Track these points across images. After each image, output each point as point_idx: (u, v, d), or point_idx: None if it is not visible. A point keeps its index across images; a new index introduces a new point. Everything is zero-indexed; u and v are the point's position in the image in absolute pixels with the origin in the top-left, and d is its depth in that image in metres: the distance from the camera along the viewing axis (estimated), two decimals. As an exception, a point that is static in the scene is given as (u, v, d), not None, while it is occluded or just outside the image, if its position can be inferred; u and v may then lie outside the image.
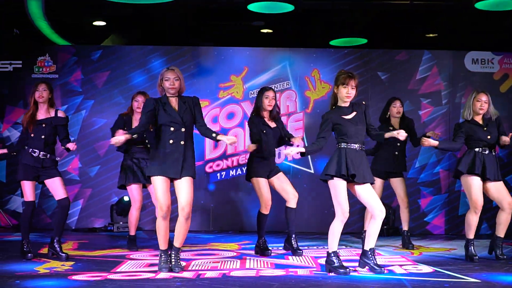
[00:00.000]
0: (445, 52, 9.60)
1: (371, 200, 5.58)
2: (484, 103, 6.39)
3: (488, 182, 6.37)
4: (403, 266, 6.07)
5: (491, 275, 5.59)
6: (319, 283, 5.23)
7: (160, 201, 5.58)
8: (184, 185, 5.59)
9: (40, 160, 6.38)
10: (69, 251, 6.94)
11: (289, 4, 8.58)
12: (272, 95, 6.79)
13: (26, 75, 9.29)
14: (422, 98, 9.41)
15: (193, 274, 5.60)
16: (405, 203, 7.53)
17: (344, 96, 5.59)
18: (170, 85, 5.61)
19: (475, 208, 6.37)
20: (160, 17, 10.74)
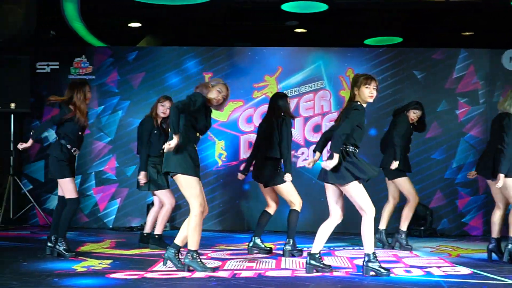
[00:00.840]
0: (482, 50, 9.48)
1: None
2: None
3: None
4: (440, 268, 6.01)
5: (531, 277, 5.51)
6: (355, 284, 5.21)
7: (201, 198, 5.63)
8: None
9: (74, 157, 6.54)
10: (106, 250, 7.02)
11: (323, 3, 8.55)
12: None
13: (63, 76, 9.39)
14: (459, 97, 9.30)
15: (229, 273, 5.62)
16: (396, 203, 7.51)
17: (367, 96, 5.50)
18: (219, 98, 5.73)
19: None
20: (194, 18, 10.79)
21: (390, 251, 7.24)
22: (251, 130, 9.34)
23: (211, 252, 7.00)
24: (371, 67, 9.43)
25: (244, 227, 9.39)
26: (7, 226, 8.90)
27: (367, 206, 5.44)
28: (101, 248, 7.22)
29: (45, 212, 9.25)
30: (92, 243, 7.65)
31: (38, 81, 9.43)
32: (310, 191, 8.85)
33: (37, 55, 9.44)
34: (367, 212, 5.45)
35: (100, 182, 9.42)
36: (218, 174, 9.41)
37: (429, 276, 5.58)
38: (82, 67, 9.50)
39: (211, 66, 9.53)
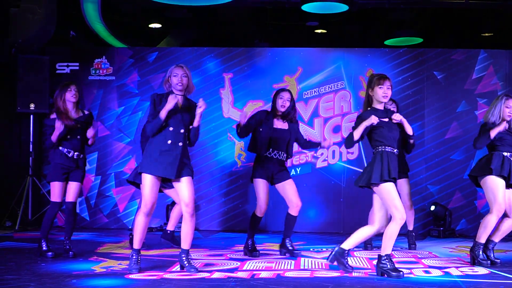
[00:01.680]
0: (501, 51, 9.42)
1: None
2: None
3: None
4: (459, 268, 6.00)
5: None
6: (374, 285, 5.20)
7: (147, 198, 5.53)
8: (185, 184, 5.56)
9: (74, 160, 6.48)
10: (126, 251, 7.06)
11: (343, 4, 8.54)
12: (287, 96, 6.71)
13: (83, 77, 9.46)
14: (479, 98, 9.26)
15: (248, 274, 5.64)
16: (408, 205, 7.41)
17: (381, 96, 5.55)
18: (178, 81, 5.55)
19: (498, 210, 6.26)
20: (214, 19, 10.82)
21: (410, 251, 7.23)
22: (270, 131, 9.36)
23: (230, 253, 7.02)
24: (392, 67, 9.41)
25: (264, 228, 9.40)
26: (25, 227, 8.93)
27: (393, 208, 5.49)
28: (121, 249, 7.26)
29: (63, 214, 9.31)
30: (112, 244, 7.69)
31: (58, 82, 9.41)
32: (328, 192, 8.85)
33: (57, 56, 9.47)
34: (394, 215, 5.49)
35: (120, 183, 9.44)
36: (237, 175, 9.44)
37: (447, 277, 5.56)
38: (102, 68, 9.56)
39: (231, 67, 9.56)
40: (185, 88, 5.62)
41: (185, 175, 5.56)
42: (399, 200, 5.50)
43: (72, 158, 6.46)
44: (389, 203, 5.48)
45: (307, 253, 7.05)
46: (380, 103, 5.59)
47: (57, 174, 6.49)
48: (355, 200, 8.97)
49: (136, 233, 5.63)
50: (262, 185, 6.61)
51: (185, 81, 5.58)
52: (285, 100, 6.66)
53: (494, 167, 6.14)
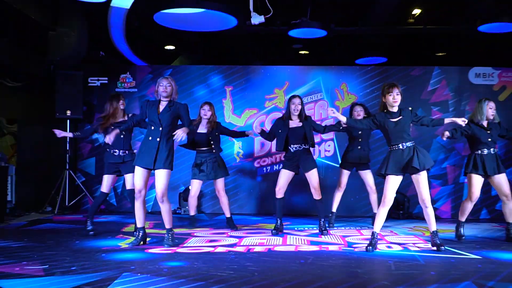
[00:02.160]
0: (452, 68, 9.45)
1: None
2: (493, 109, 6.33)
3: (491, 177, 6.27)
4: (416, 244, 6.03)
5: (490, 252, 5.52)
6: (346, 257, 5.24)
7: (136, 185, 5.65)
8: (158, 176, 5.61)
9: (121, 157, 6.52)
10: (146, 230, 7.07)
11: (323, 30, 8.56)
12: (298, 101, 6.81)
13: (111, 89, 9.44)
14: (433, 106, 9.30)
15: (244, 248, 5.68)
16: (373, 190, 7.46)
17: (392, 102, 5.60)
18: (163, 89, 5.65)
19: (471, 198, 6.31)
20: (218, 42, 10.84)
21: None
22: (263, 133, 9.40)
23: (231, 231, 7.05)
24: (361, 82, 9.45)
25: (258, 211, 9.43)
26: (63, 212, 8.97)
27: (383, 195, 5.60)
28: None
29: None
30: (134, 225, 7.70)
31: (89, 93, 9.51)
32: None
33: (89, 71, 9.49)
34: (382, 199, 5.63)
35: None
36: (237, 168, 9.47)
37: (406, 251, 5.60)
38: (127, 81, 9.58)
39: (231, 81, 9.59)
40: (170, 95, 5.70)
41: (159, 168, 5.59)
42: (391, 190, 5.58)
43: (118, 156, 6.50)
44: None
45: (292, 232, 7.07)
46: (392, 107, 5.63)
47: (104, 168, 6.62)
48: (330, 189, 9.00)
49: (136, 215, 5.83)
50: (283, 174, 6.80)
51: (169, 90, 5.69)
52: (296, 105, 6.78)
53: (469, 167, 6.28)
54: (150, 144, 5.58)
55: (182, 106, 5.75)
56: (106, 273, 4.36)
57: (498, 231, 7.31)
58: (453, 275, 4.40)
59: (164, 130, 5.60)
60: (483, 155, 6.24)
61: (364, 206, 9.04)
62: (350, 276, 4.37)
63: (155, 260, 4.99)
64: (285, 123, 6.80)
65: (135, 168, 5.68)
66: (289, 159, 6.78)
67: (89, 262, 4.83)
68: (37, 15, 7.64)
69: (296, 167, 6.79)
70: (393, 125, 5.56)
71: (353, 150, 7.45)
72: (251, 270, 4.54)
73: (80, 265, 4.67)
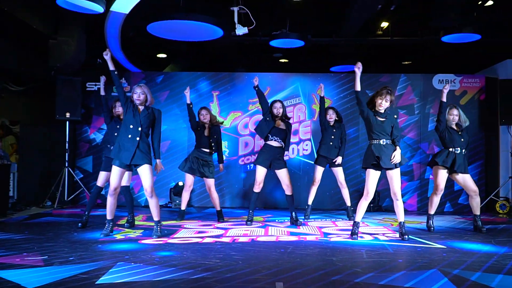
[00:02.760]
0: (417, 75, 9.48)
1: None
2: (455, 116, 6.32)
3: (456, 174, 6.28)
4: (385, 234, 6.02)
5: (454, 242, 5.53)
6: (322, 246, 5.21)
7: (112, 182, 5.55)
8: (142, 171, 5.52)
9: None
10: (139, 222, 6.99)
11: (301, 40, 8.54)
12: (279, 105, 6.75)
13: (107, 94, 9.27)
14: (400, 110, 9.32)
15: (230, 239, 5.61)
16: (343, 185, 7.45)
17: (378, 105, 5.61)
18: (137, 97, 5.55)
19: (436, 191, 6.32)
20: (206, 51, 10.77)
21: (348, 221, 7.25)
22: (247, 134, 9.35)
23: (217, 223, 6.99)
24: (335, 87, 9.43)
25: (241, 205, 9.37)
26: (62, 206, 8.83)
27: (365, 189, 5.62)
28: (136, 221, 7.18)
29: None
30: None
31: (87, 97, 9.39)
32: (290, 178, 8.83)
33: (87, 77, 9.35)
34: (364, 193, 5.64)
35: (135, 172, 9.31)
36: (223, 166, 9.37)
37: (376, 241, 5.58)
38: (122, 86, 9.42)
39: (218, 86, 9.51)
40: (143, 102, 5.60)
41: (143, 164, 5.52)
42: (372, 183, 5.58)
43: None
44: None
45: (274, 223, 7.03)
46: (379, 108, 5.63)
47: (104, 165, 6.50)
48: (308, 184, 8.98)
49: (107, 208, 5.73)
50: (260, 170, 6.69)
51: (142, 98, 5.58)
52: (278, 108, 6.74)
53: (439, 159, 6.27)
54: (129, 142, 5.48)
55: (158, 112, 5.70)
56: (102, 263, 4.27)
57: (461, 223, 7.34)
58: (420, 263, 4.38)
59: (143, 130, 5.54)
60: (456, 153, 6.25)
61: (338, 200, 9.03)
62: (326, 264, 4.34)
63: (148, 250, 4.91)
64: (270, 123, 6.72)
65: (112, 167, 5.56)
66: (262, 154, 6.69)
67: (86, 252, 4.74)
68: (39, 25, 7.53)
69: (269, 164, 6.72)
70: (378, 122, 5.58)
71: (326, 144, 7.41)
72: (235, 259, 4.48)
73: (77, 256, 4.58)
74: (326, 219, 7.66)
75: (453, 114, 6.32)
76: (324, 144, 7.43)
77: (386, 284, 3.66)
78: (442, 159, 6.24)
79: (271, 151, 6.68)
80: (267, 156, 6.67)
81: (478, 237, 5.86)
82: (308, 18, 8.85)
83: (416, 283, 3.70)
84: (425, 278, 3.84)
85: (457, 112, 6.33)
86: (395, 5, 7.77)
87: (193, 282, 3.67)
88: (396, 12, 8.09)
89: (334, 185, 8.11)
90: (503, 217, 8.12)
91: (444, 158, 6.24)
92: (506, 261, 4.49)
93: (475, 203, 6.30)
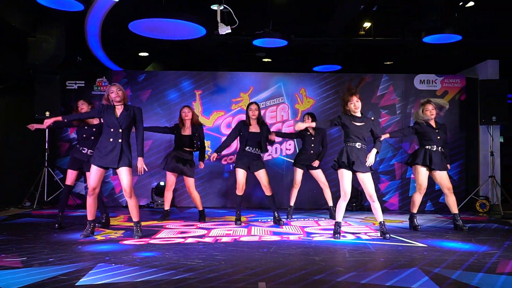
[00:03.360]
0: (398, 75, 9.57)
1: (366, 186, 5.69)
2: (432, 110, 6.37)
3: (434, 171, 6.34)
4: (367, 234, 6.06)
5: (435, 241, 5.58)
6: (305, 246, 5.23)
7: (91, 184, 5.50)
8: (122, 173, 5.49)
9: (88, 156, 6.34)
10: (120, 223, 6.94)
11: (284, 40, 8.56)
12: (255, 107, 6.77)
13: (87, 92, 9.27)
14: (382, 109, 9.39)
15: (213, 239, 5.60)
16: (326, 185, 7.50)
17: (353, 108, 5.66)
18: (115, 95, 5.50)
19: (419, 189, 6.38)
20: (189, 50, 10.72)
21: (331, 221, 7.28)
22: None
23: (200, 223, 6.96)
24: (318, 87, 9.48)
25: (225, 205, 9.36)
26: (42, 206, 8.71)
27: (342, 190, 5.64)
28: (117, 222, 7.14)
29: (72, 195, 9.12)
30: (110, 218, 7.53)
31: (67, 95, 9.29)
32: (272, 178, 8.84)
33: (67, 75, 9.27)
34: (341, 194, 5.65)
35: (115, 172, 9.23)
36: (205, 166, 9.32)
37: (359, 240, 5.62)
38: (103, 85, 9.38)
39: (201, 85, 9.48)
40: (122, 99, 5.56)
41: (123, 166, 5.49)
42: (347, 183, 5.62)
43: (85, 154, 6.34)
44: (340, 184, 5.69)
45: (257, 223, 7.03)
46: (355, 112, 5.72)
47: (71, 164, 6.42)
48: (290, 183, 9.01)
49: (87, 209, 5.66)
50: (240, 173, 6.73)
51: (121, 94, 5.54)
52: (253, 110, 6.76)
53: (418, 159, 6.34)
54: (111, 145, 5.45)
55: (138, 110, 5.66)
56: (82, 264, 4.23)
57: (442, 222, 7.42)
58: (401, 262, 4.42)
59: (124, 132, 5.51)
60: (432, 150, 6.31)
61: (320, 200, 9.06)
62: (308, 263, 4.35)
63: (129, 251, 4.87)
64: (246, 127, 6.76)
65: (93, 168, 5.49)
66: (241, 158, 6.74)
67: (66, 254, 4.69)
68: (17, 22, 7.42)
69: (247, 166, 6.75)
70: (355, 128, 5.63)
71: (305, 154, 7.46)
72: (218, 259, 4.47)
73: (57, 257, 4.52)
74: (309, 218, 7.69)
75: (429, 109, 6.34)
76: (303, 154, 7.47)
77: (367, 283, 3.68)
78: (421, 159, 6.31)
79: (248, 154, 6.73)
80: (245, 160, 6.72)
81: (458, 236, 5.93)
82: (292, 18, 8.87)
83: (397, 281, 3.73)
84: (406, 276, 3.88)
85: (432, 106, 6.35)
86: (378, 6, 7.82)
87: (175, 283, 3.65)
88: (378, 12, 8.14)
89: (315, 185, 8.16)
90: (483, 216, 8.24)
91: (422, 157, 6.31)
92: (486, 259, 4.55)
93: (450, 201, 6.37)
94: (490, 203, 8.88)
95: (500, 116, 8.88)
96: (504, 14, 8.27)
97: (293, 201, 7.61)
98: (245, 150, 6.72)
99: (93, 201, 5.62)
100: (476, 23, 8.71)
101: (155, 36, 7.93)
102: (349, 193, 5.63)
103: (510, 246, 5.29)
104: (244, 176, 6.74)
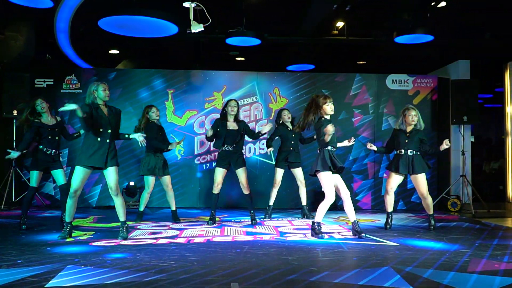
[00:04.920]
0: (371, 75, 9.67)
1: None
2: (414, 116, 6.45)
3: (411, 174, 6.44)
4: (340, 233, 6.11)
5: (407, 240, 5.66)
6: (278, 246, 5.24)
7: (75, 185, 5.42)
8: (111, 172, 5.46)
9: (52, 156, 6.28)
10: (90, 224, 6.85)
11: (257, 39, 8.58)
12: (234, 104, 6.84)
13: (56, 90, 9.13)
14: (355, 109, 9.49)
15: (185, 240, 5.58)
16: (303, 183, 7.57)
17: (329, 111, 5.74)
18: (107, 94, 5.49)
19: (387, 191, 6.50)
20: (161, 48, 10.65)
21: (304, 220, 7.32)
22: (203, 132, 9.29)
23: (172, 224, 6.93)
24: (292, 87, 9.51)
25: (197, 205, 9.32)
26: (9, 207, 8.57)
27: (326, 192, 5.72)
28: (86, 223, 7.06)
29: (41, 196, 8.97)
30: (79, 219, 7.44)
31: (36, 94, 9.05)
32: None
33: (36, 73, 9.09)
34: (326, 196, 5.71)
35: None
36: (178, 165, 9.32)
37: (332, 239, 5.67)
38: (72, 83, 9.23)
39: (173, 84, 9.43)
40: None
41: (110, 165, 5.46)
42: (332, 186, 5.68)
43: (50, 155, 6.25)
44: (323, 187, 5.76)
45: (230, 223, 7.03)
46: (328, 115, 5.79)
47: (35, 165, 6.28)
48: (265, 182, 9.03)
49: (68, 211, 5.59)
50: (218, 172, 6.74)
51: (108, 92, 5.56)
52: (233, 107, 6.81)
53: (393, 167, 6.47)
54: (99, 145, 5.40)
55: (119, 110, 5.68)
56: (51, 266, 4.16)
57: (413, 221, 7.53)
58: (373, 261, 4.48)
59: (112, 131, 5.49)
60: (400, 155, 6.42)
61: (295, 199, 9.11)
62: (282, 263, 4.37)
63: (99, 252, 4.81)
64: (223, 124, 6.76)
65: (79, 169, 5.41)
66: (222, 157, 6.77)
67: (35, 255, 4.61)
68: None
69: (228, 165, 6.78)
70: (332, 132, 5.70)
71: (286, 151, 7.51)
72: (191, 260, 4.46)
73: (26, 258, 4.45)
74: (283, 218, 7.72)
75: (411, 115, 6.43)
76: (284, 152, 7.51)
77: (340, 282, 3.72)
78: (394, 166, 6.44)
79: (228, 153, 6.76)
80: (226, 159, 6.75)
81: (430, 235, 6.04)
82: (265, 17, 8.88)
83: (369, 280, 3.78)
84: (378, 275, 3.93)
85: (415, 113, 6.44)
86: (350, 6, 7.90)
87: (146, 285, 3.62)
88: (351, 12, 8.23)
89: (290, 184, 8.19)
90: (454, 214, 8.40)
91: (394, 164, 6.44)
92: (457, 258, 4.64)
93: (424, 204, 6.50)
94: (461, 202, 9.06)
95: (471, 116, 9.06)
96: (475, 14, 8.45)
97: (272, 201, 7.64)
98: (224, 149, 6.74)
99: (74, 203, 5.54)
100: (447, 23, 8.87)
101: (126, 33, 7.86)
102: (333, 194, 5.69)
103: (481, 245, 5.40)
104: (223, 175, 6.77)
